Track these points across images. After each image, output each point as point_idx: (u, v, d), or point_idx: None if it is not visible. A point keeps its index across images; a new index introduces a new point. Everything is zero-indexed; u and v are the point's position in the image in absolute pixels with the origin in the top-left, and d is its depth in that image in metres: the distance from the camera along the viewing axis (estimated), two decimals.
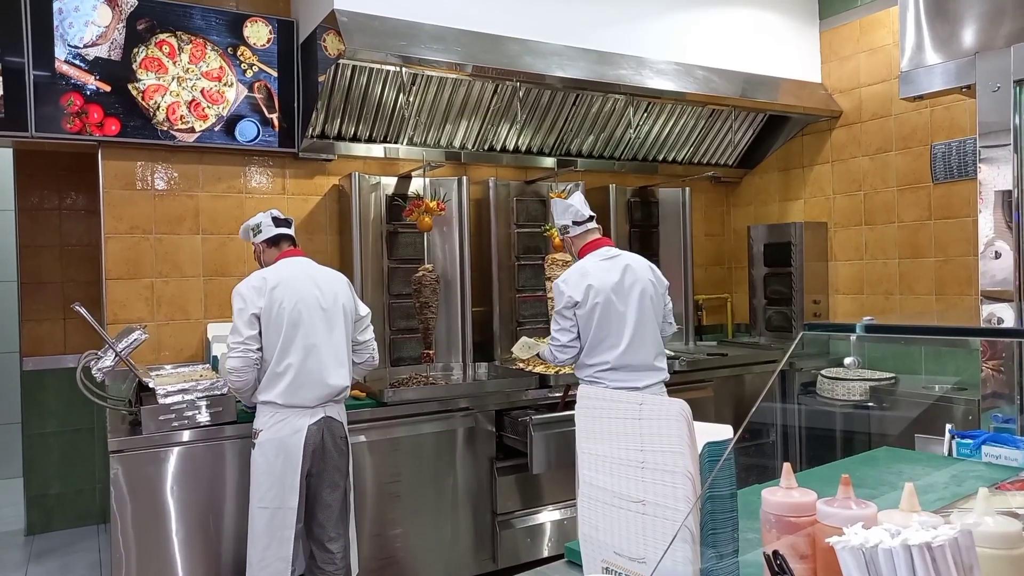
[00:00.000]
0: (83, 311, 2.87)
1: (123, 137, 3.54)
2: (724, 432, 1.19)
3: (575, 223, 3.22)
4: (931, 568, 0.76)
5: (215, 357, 3.47)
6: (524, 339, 3.87)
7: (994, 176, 2.61)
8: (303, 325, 2.86)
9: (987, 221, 2.63)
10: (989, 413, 2.45)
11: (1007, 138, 2.56)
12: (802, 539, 1.10)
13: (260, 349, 2.86)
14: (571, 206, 3.23)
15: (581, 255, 3.24)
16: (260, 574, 2.82)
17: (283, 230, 3.05)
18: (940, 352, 4.12)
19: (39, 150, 4.16)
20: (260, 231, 3.05)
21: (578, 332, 3.11)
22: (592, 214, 3.27)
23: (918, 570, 0.76)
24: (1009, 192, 2.57)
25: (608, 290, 3.07)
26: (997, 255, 2.55)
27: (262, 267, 3.08)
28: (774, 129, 5.09)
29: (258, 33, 3.79)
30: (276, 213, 3.08)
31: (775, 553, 0.99)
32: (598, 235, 3.27)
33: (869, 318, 1.29)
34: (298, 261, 3.03)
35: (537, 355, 3.80)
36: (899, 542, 0.78)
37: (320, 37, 3.62)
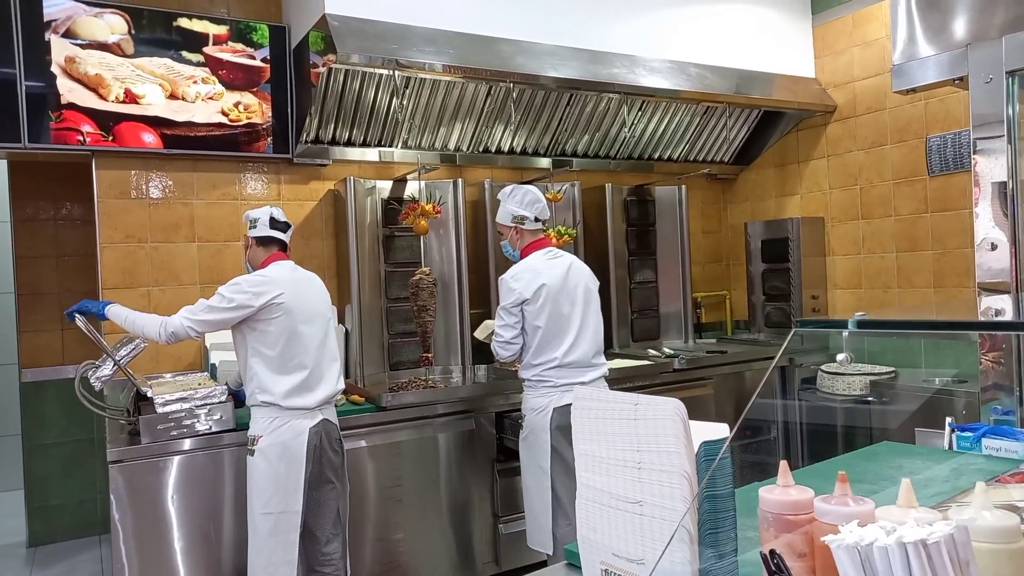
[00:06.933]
0: (80, 321, 2.87)
1: (117, 145, 3.53)
2: (720, 431, 1.18)
3: (537, 219, 3.22)
4: (926, 565, 0.75)
5: (213, 365, 3.47)
6: (487, 321, 3.86)
7: (989, 168, 2.59)
8: (310, 326, 2.89)
9: (983, 213, 2.62)
10: (989, 405, 2.44)
11: (1001, 129, 2.54)
12: (800, 537, 1.10)
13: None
14: (540, 201, 3.22)
15: (525, 252, 3.22)
16: None
17: (276, 234, 3.00)
18: (939, 345, 4.11)
19: (32, 160, 4.16)
20: (255, 226, 3.00)
21: (521, 329, 3.14)
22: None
23: (913, 567, 0.76)
24: (1004, 183, 2.56)
25: (557, 288, 3.11)
26: (993, 247, 2.54)
27: (247, 259, 3.05)
28: (769, 125, 5.08)
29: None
30: (276, 214, 3.01)
31: (771, 552, 0.99)
32: (543, 235, 3.32)
33: (861, 313, 1.29)
34: (293, 265, 3.01)
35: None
36: (894, 540, 0.77)
37: (312, 42, 3.61)
